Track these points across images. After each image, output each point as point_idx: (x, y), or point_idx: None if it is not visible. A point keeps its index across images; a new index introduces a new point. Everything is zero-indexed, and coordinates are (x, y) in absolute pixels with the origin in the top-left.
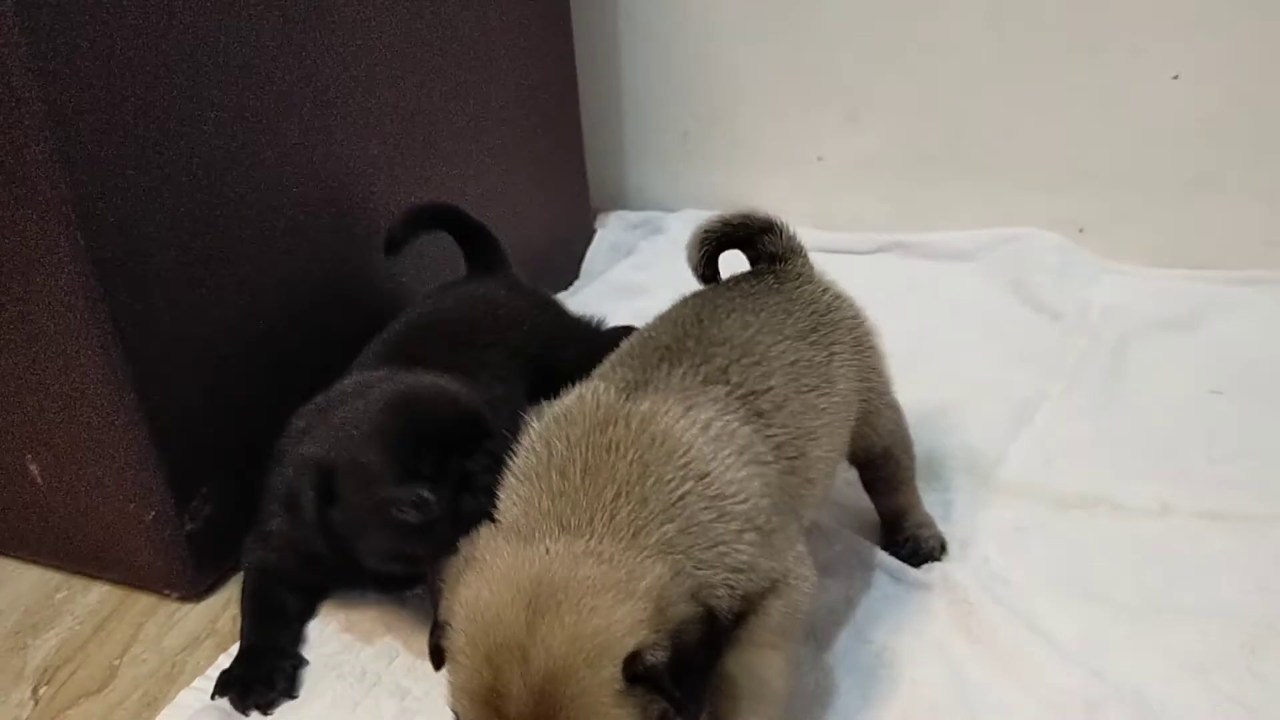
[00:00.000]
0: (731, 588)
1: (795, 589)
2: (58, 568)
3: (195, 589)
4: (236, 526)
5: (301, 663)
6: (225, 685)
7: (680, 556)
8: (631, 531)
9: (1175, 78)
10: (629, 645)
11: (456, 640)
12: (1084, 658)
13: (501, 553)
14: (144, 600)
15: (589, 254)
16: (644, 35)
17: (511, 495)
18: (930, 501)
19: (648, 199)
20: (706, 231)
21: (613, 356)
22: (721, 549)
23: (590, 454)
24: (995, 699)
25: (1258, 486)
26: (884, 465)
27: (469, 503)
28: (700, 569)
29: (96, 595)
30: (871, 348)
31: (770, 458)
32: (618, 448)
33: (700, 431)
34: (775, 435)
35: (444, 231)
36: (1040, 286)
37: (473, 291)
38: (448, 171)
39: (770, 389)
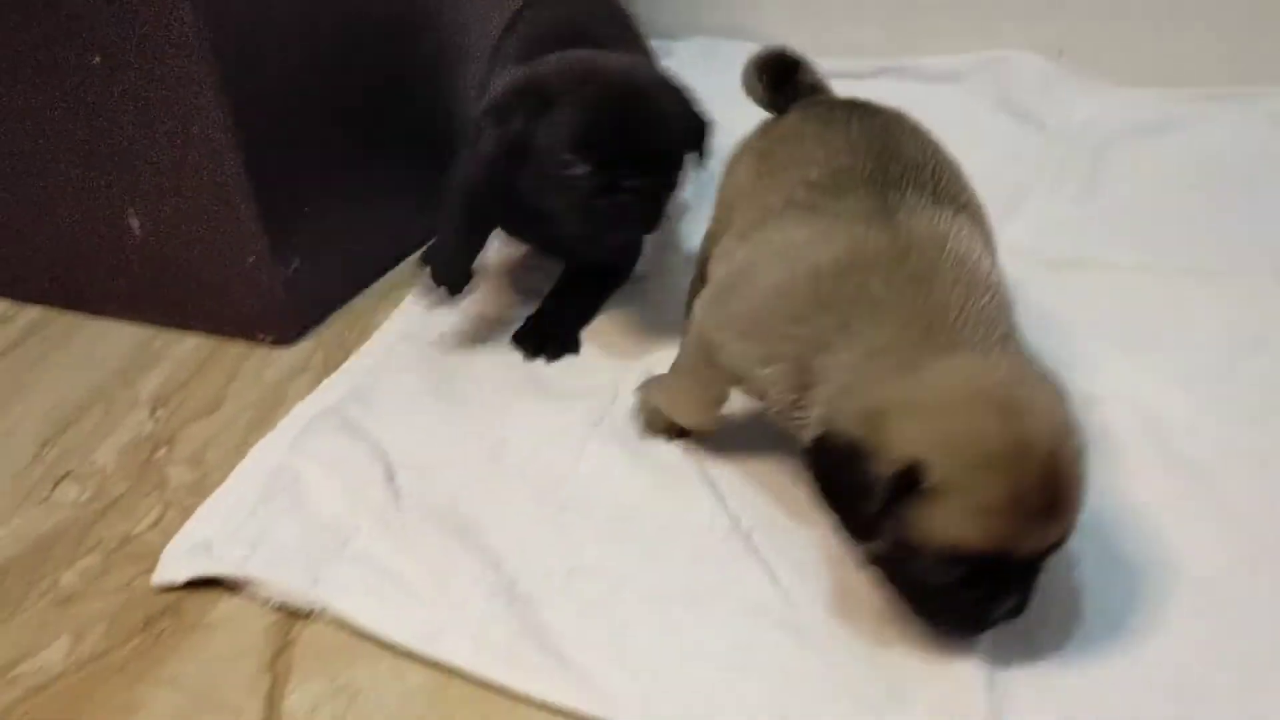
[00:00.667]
0: None
1: None
2: (149, 322)
3: (288, 333)
4: (325, 275)
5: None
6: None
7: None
8: (998, 340)
9: None
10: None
11: (944, 471)
12: (1079, 372)
13: (941, 373)
14: (237, 346)
15: None
16: None
17: (868, 340)
18: None
19: (652, 29)
20: (762, 60)
21: (790, 190)
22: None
23: (911, 288)
24: None
25: (1225, 250)
26: None
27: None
28: None
29: (191, 343)
30: None
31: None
32: (934, 274)
33: (977, 247)
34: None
35: None
36: (1024, 102)
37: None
38: None
39: (969, 202)
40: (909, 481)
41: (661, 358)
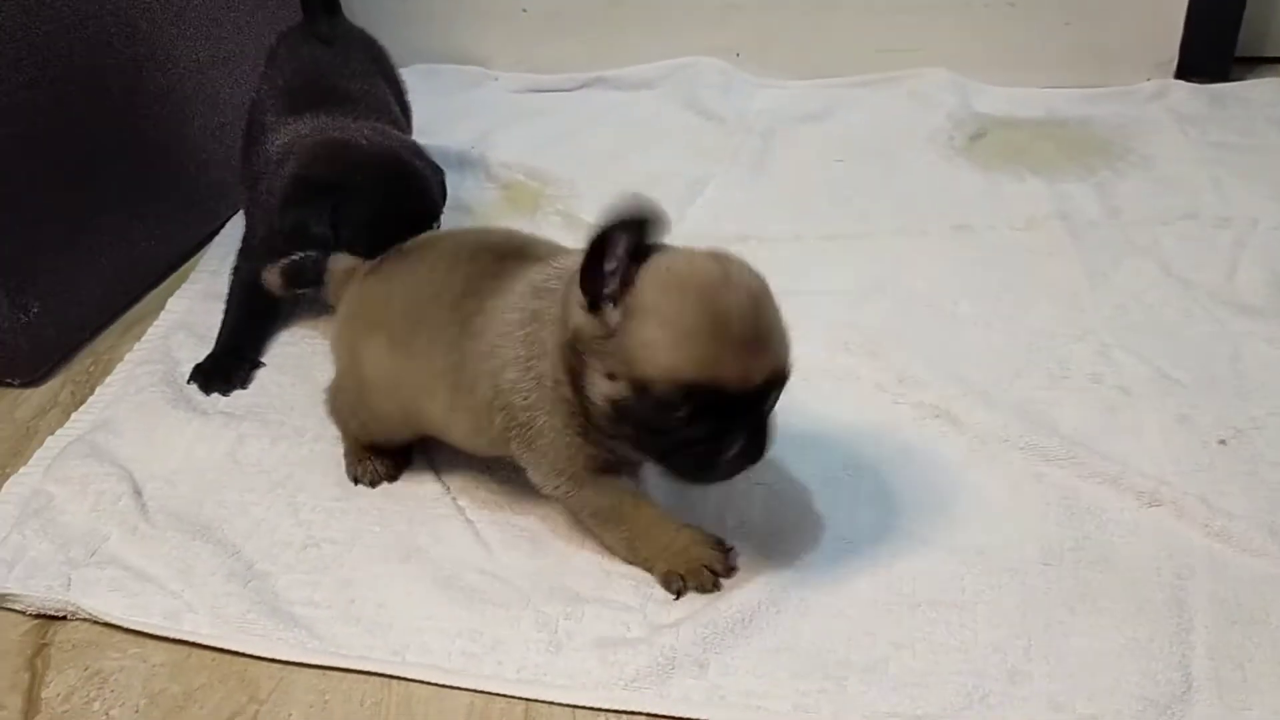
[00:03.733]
0: None
1: None
2: None
3: (35, 374)
4: (66, 317)
5: (259, 365)
6: (196, 374)
7: None
8: None
9: None
10: None
11: (651, 296)
12: None
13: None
14: None
15: None
16: None
17: None
18: None
19: None
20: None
21: None
22: None
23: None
24: None
25: (860, 216)
26: None
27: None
28: None
29: None
30: None
31: None
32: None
33: None
34: None
35: None
36: (708, 101)
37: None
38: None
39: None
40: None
41: None
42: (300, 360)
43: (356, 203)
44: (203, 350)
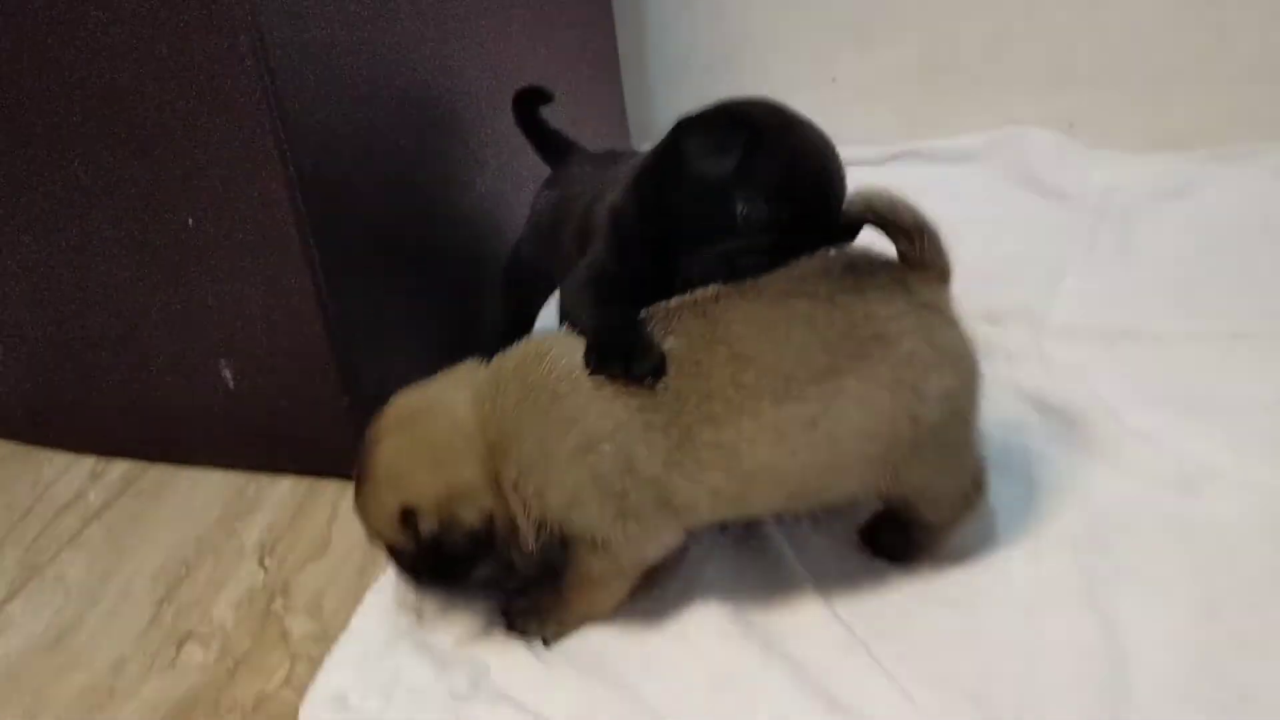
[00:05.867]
0: None
1: None
2: (241, 468)
3: None
4: None
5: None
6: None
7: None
8: None
9: None
10: None
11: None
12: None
13: None
14: (332, 485)
15: None
16: None
17: None
18: (992, 345)
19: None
20: (848, 205)
21: None
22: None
23: None
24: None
25: (1264, 311)
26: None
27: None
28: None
29: (286, 485)
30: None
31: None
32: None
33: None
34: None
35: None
36: (1043, 175)
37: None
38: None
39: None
40: None
41: None
42: None
43: (769, 157)
44: None
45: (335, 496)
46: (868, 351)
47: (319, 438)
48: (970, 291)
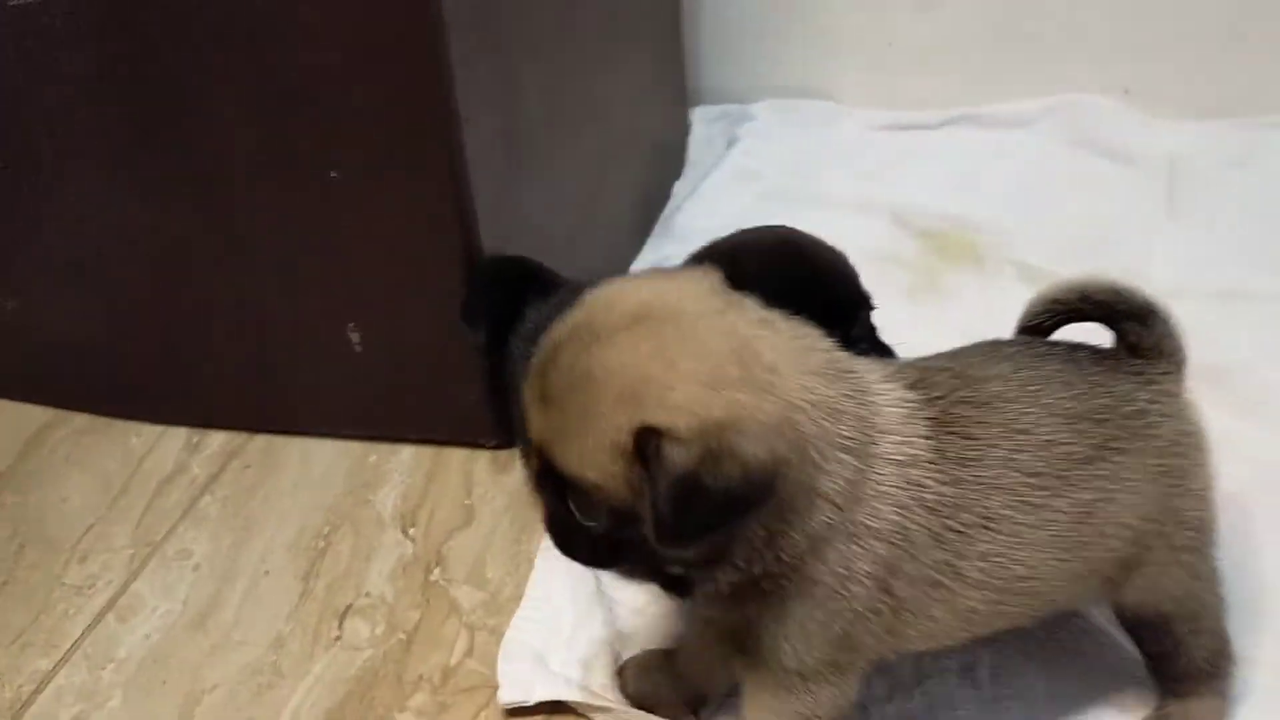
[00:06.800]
0: None
1: None
2: (359, 437)
3: (513, 436)
4: None
5: None
6: None
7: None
8: None
9: None
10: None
11: None
12: None
13: None
14: (457, 453)
15: (690, 146)
16: None
17: None
18: None
19: (723, 93)
20: (1055, 302)
21: None
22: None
23: None
24: None
25: None
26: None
27: None
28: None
29: (408, 454)
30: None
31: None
32: None
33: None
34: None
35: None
36: (1104, 140)
37: None
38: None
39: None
40: None
41: None
42: None
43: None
44: None
45: (465, 463)
46: (1134, 430)
47: (446, 403)
48: (1066, 252)
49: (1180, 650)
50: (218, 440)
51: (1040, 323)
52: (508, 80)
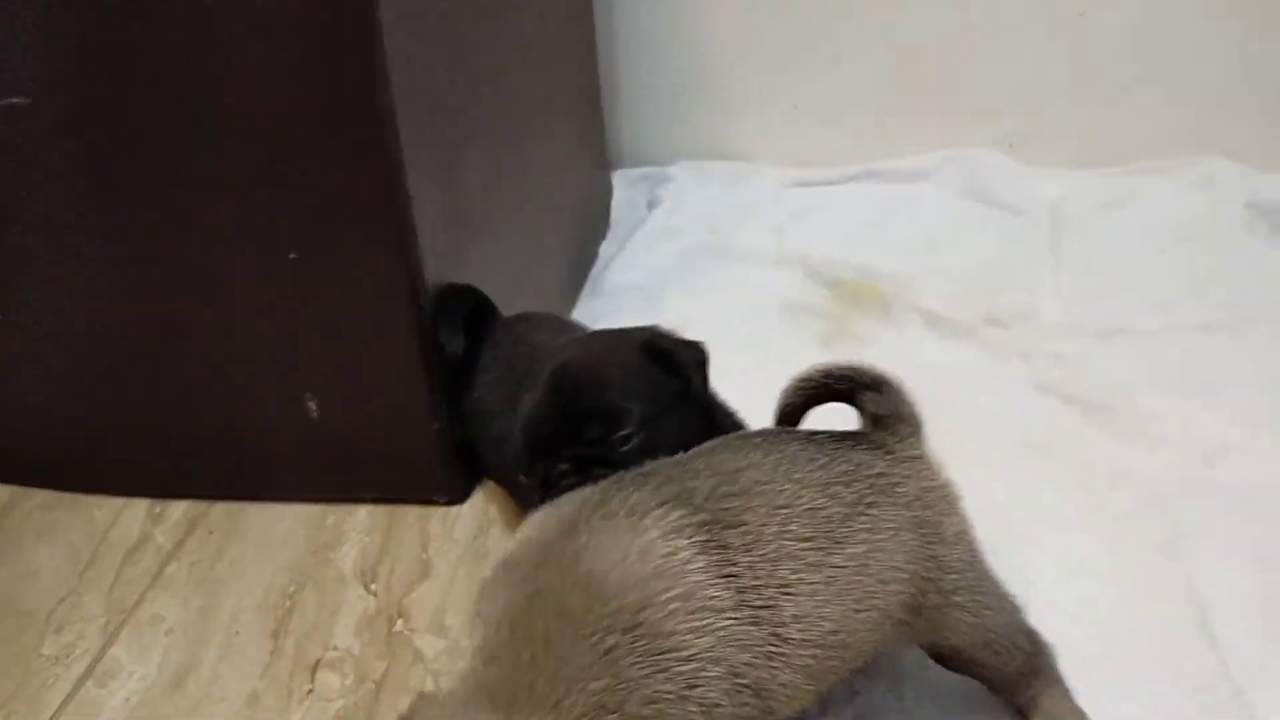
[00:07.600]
0: None
1: None
2: (317, 500)
3: (463, 491)
4: None
5: None
6: None
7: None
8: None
9: (1081, 14)
10: None
11: None
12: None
13: None
14: (412, 510)
15: (614, 208)
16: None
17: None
18: (1002, 346)
19: (642, 157)
20: (804, 380)
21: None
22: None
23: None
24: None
25: (1226, 304)
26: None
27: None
28: None
29: (364, 513)
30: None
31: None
32: (540, 597)
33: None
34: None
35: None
36: (996, 193)
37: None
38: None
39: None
40: None
41: None
42: None
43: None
44: None
45: (420, 520)
46: (880, 488)
47: (402, 464)
48: (965, 296)
49: (993, 669)
50: (179, 509)
51: (795, 402)
52: (451, 160)
